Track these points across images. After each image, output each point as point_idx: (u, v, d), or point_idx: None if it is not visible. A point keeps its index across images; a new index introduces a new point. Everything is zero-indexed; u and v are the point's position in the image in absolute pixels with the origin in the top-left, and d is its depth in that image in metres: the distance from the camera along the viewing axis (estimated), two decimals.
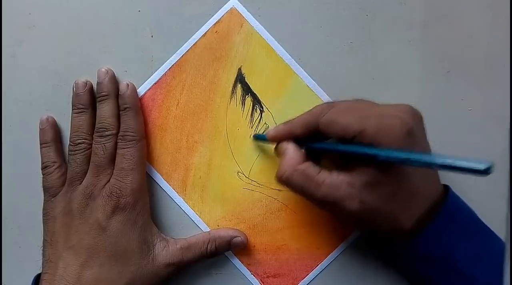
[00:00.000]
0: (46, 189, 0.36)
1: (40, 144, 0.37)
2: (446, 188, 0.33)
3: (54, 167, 0.36)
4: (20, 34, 0.37)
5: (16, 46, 0.37)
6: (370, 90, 0.37)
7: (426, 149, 0.32)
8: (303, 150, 0.33)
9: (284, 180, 0.32)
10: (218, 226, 0.38)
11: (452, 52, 0.37)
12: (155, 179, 0.38)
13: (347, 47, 0.37)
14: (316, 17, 0.37)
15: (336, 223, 0.37)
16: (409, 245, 0.32)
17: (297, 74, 0.37)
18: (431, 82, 0.33)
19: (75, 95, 0.36)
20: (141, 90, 0.37)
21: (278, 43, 0.37)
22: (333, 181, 0.30)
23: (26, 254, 0.38)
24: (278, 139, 0.34)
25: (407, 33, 0.37)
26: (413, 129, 0.29)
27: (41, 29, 0.37)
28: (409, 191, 0.31)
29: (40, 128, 0.37)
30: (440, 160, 0.25)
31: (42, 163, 0.36)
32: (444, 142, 0.37)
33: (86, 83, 0.36)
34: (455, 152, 0.37)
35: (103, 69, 0.36)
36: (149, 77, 0.37)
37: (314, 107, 0.33)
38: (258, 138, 0.37)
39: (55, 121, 0.37)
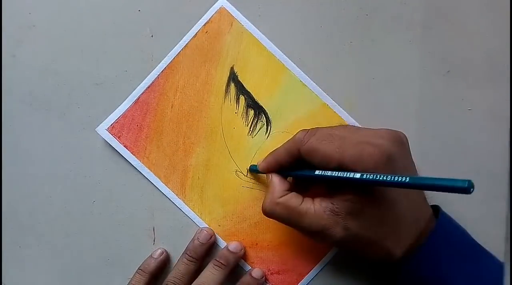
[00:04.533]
0: None
1: (139, 268, 0.37)
2: (436, 209, 0.33)
3: None
4: (20, 34, 0.37)
5: (16, 46, 0.37)
6: (370, 90, 0.37)
7: (410, 172, 0.31)
8: (288, 180, 0.34)
9: (268, 214, 0.32)
10: (219, 226, 0.38)
11: (452, 52, 0.37)
12: (153, 182, 0.38)
13: (347, 47, 0.37)
14: (316, 17, 0.37)
15: None
16: (401, 270, 0.31)
17: (289, 70, 0.37)
18: (431, 82, 0.33)
19: (195, 242, 0.37)
20: (134, 94, 0.37)
21: (270, 41, 0.37)
22: (316, 210, 0.30)
23: (26, 254, 0.38)
24: (269, 170, 0.34)
25: (407, 33, 0.37)
26: (393, 155, 0.29)
27: (41, 29, 0.37)
28: (395, 217, 0.30)
29: (150, 255, 0.37)
30: (414, 181, 0.24)
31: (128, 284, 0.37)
32: (444, 142, 0.37)
33: (211, 237, 0.37)
34: (455, 152, 0.37)
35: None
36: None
37: (295, 134, 0.32)
38: (253, 170, 0.37)
39: (167, 258, 0.38)
